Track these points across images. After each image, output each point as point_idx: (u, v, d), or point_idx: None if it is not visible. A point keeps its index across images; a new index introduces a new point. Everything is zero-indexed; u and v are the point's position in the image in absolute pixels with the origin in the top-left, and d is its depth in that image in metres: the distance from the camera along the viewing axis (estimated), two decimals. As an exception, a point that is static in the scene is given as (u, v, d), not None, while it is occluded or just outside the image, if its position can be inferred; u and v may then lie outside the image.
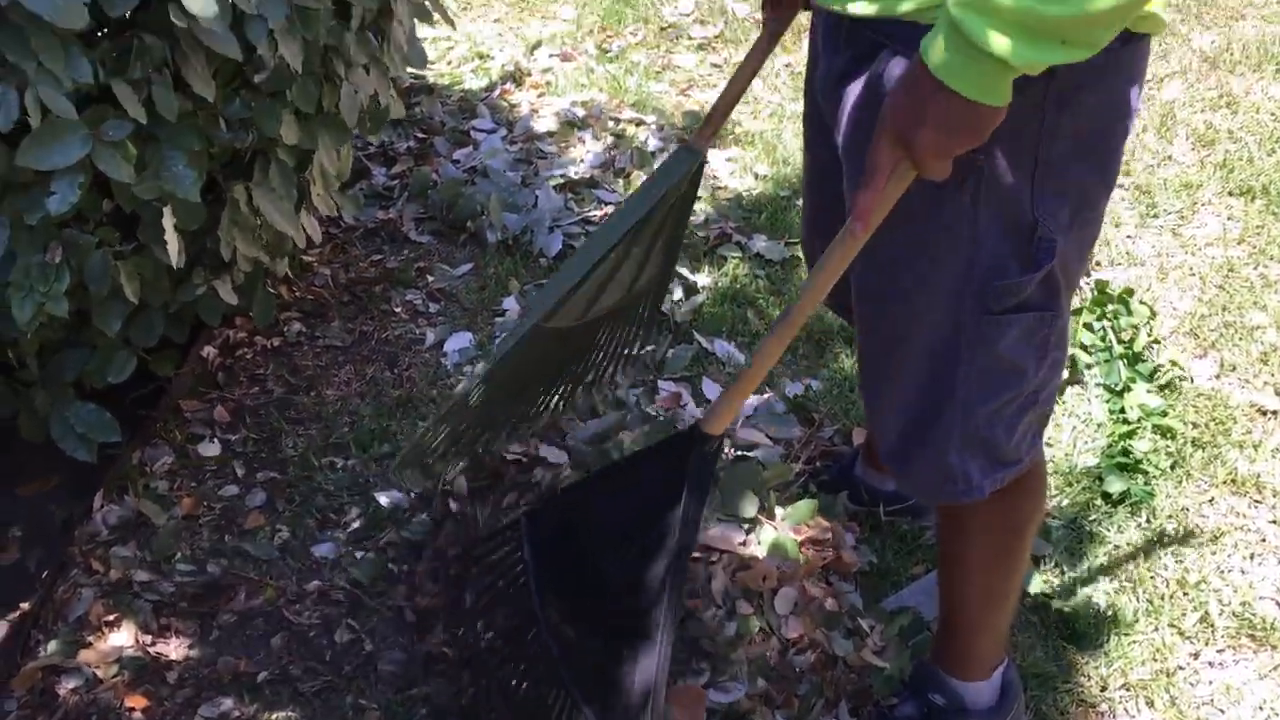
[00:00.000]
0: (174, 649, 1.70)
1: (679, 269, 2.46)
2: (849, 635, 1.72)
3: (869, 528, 1.90)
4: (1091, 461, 2.03)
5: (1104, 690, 1.68)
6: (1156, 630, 1.75)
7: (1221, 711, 1.65)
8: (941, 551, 1.49)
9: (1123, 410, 2.10)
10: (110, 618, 1.73)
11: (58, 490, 1.92)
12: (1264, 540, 1.90)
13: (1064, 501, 1.96)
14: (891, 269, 1.21)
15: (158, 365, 1.96)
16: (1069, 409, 2.14)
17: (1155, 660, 1.71)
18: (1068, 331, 1.26)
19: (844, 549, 1.82)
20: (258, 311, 2.06)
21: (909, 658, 1.68)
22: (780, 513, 1.87)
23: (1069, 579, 1.83)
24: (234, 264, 1.87)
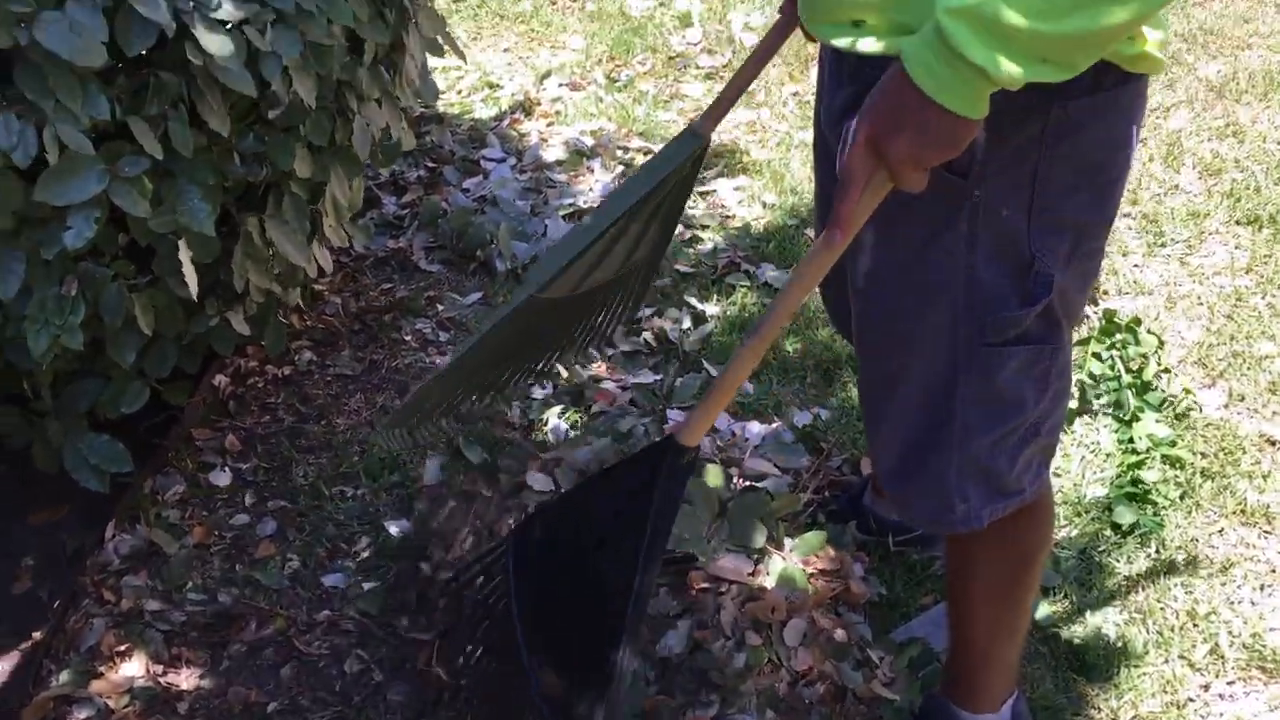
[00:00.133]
0: (185, 679, 1.71)
1: (688, 298, 2.48)
2: (858, 667, 1.71)
3: (878, 558, 1.90)
4: (1100, 492, 2.03)
5: (1114, 723, 1.68)
6: (1167, 662, 1.75)
7: (1232, 744, 1.65)
8: (950, 582, 1.49)
9: (1131, 440, 2.11)
10: (122, 648, 1.73)
11: (70, 519, 1.93)
12: (1274, 571, 1.89)
13: (1073, 532, 1.96)
14: (889, 299, 1.22)
15: (170, 394, 1.97)
16: (1077, 439, 2.14)
17: (1165, 692, 1.71)
18: (1070, 363, 1.27)
19: (853, 580, 1.82)
20: (269, 341, 2.07)
21: (919, 689, 1.68)
22: (789, 543, 1.87)
23: (1079, 610, 1.83)
24: (247, 295, 1.89)
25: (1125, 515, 1.95)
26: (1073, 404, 2.16)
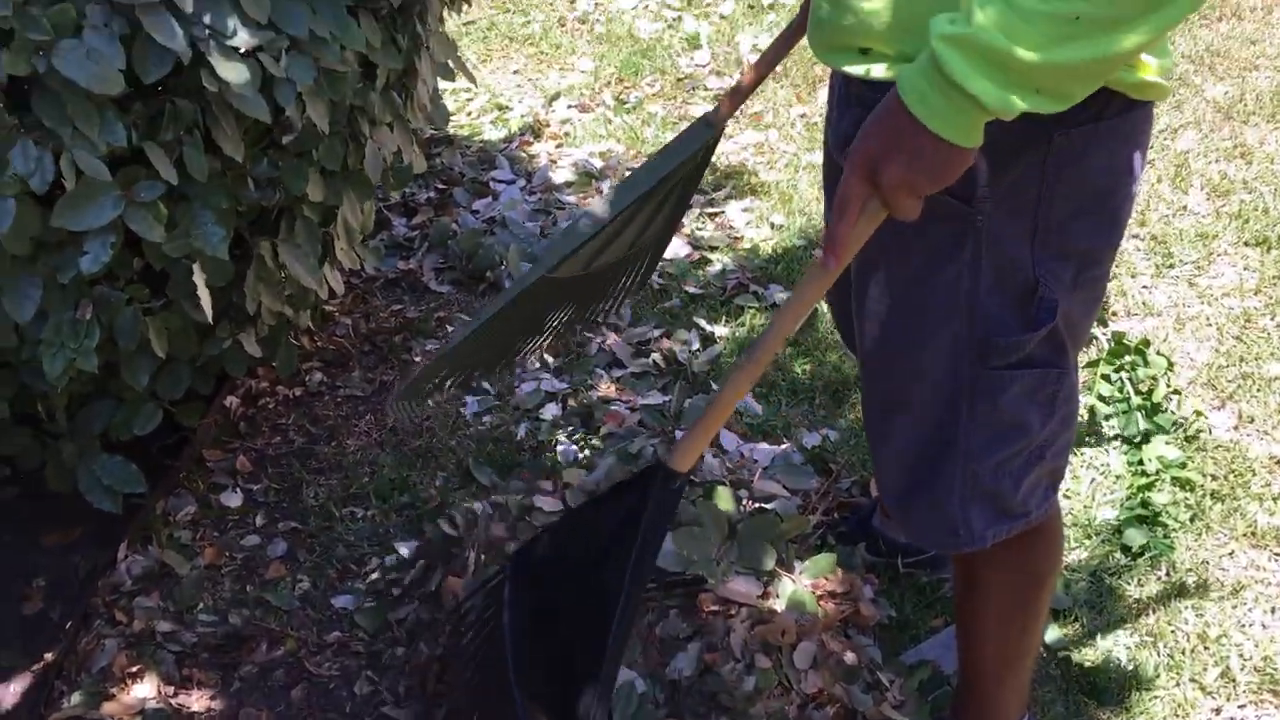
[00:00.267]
0: (196, 700, 1.71)
1: (696, 319, 2.49)
2: (868, 689, 1.71)
3: (887, 580, 1.90)
4: (1110, 514, 2.03)
5: (1125, 747, 1.67)
6: (1178, 685, 1.74)
7: (1244, 769, 1.65)
8: (959, 605, 1.50)
9: (1141, 462, 2.10)
10: (133, 669, 1.74)
11: (82, 540, 1.94)
12: (1285, 594, 1.89)
13: (1083, 554, 1.96)
14: (893, 323, 1.23)
15: (183, 416, 1.98)
16: (1087, 461, 2.14)
17: (1177, 716, 1.70)
18: (1077, 387, 1.27)
19: (863, 602, 1.82)
20: (281, 363, 2.08)
21: (929, 712, 1.67)
22: (799, 565, 1.88)
23: (1089, 633, 1.83)
24: (259, 317, 1.90)
25: (1135, 538, 1.95)
26: (1082, 426, 2.16)
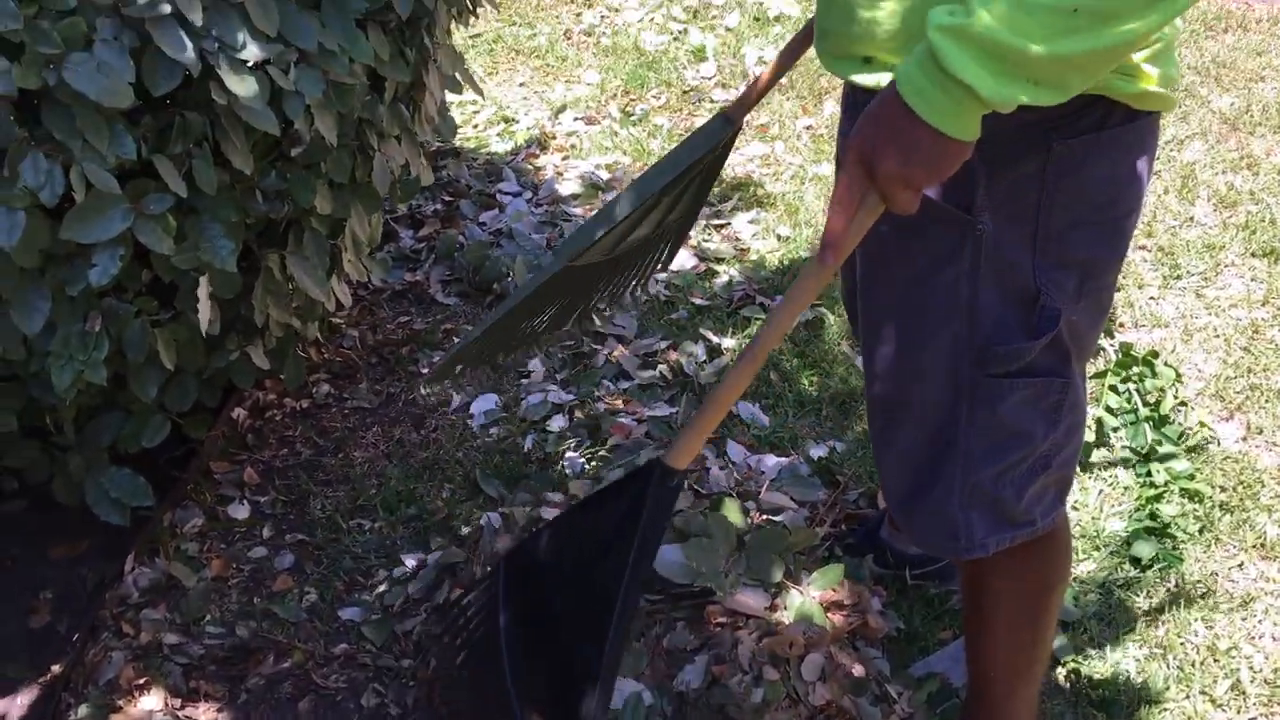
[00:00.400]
0: (203, 713, 1.71)
1: (703, 331, 2.49)
2: (876, 702, 1.71)
3: (895, 592, 1.89)
4: (1119, 525, 2.02)
5: (1135, 760, 1.66)
6: (1188, 698, 1.74)
7: (1255, 782, 1.64)
8: (966, 615, 1.49)
9: (1149, 474, 2.10)
10: (140, 681, 1.74)
11: (89, 553, 1.94)
12: (1295, 606, 1.89)
13: (1092, 566, 1.95)
14: (894, 329, 1.23)
15: (190, 428, 1.98)
16: (1095, 473, 2.14)
17: (1187, 729, 1.70)
18: (1084, 396, 1.27)
19: (871, 614, 1.82)
20: (288, 374, 2.08)
21: (937, 726, 1.67)
22: (806, 577, 1.87)
23: (1098, 645, 1.82)
24: (266, 329, 1.91)
25: (1144, 549, 1.94)
26: (1090, 438, 2.15)
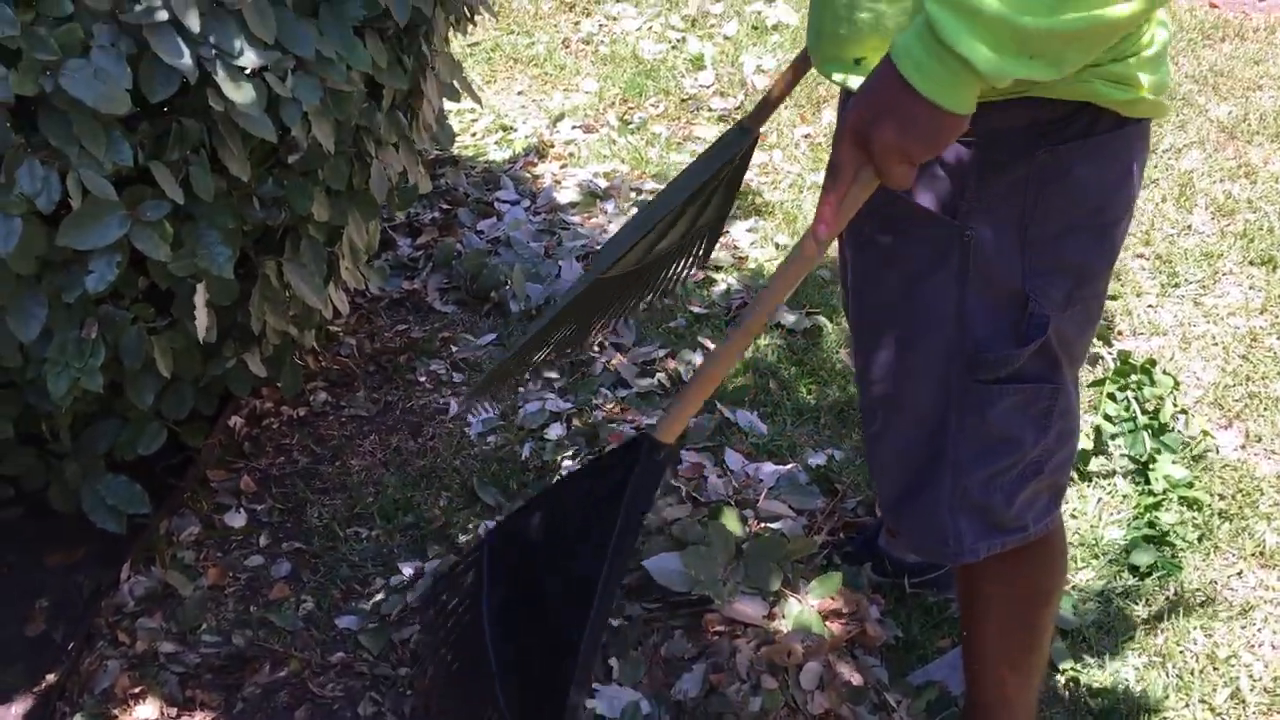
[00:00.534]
0: (198, 722, 1.70)
1: (701, 339, 2.49)
2: (875, 710, 1.70)
3: (894, 600, 1.89)
4: (1118, 534, 2.02)
5: (1135, 769, 1.66)
6: (1187, 706, 1.73)
7: (1255, 791, 1.63)
8: (963, 623, 1.49)
9: (1148, 482, 2.10)
10: (136, 690, 1.73)
11: (85, 560, 1.93)
12: (1294, 614, 1.88)
13: (1090, 574, 1.95)
14: (883, 334, 1.23)
15: (187, 436, 1.98)
16: (1094, 481, 2.13)
17: (1186, 738, 1.69)
18: (1075, 402, 1.27)
19: (869, 622, 1.81)
20: (285, 382, 2.08)
21: (936, 734, 1.66)
22: (805, 586, 1.87)
23: (1097, 653, 1.81)
24: (263, 337, 1.90)
25: (1143, 557, 1.94)
26: (1089, 445, 2.15)
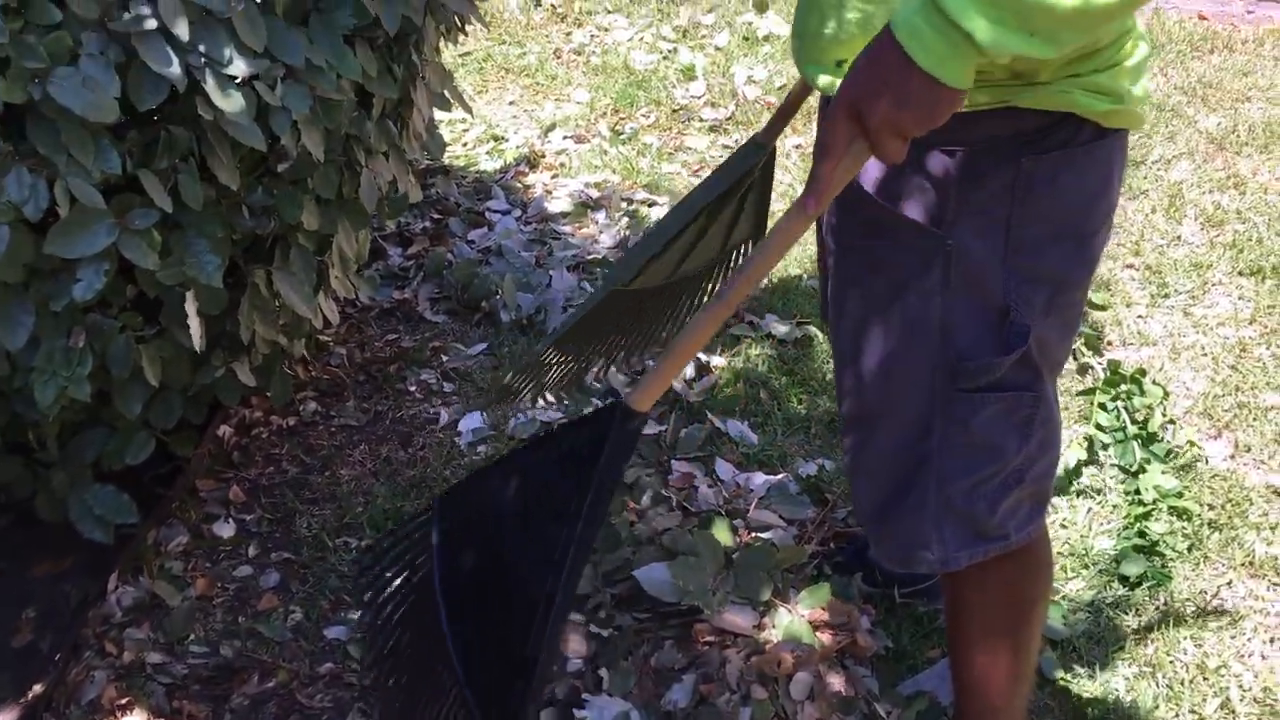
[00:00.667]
0: (185, 733, 1.69)
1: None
2: (865, 721, 1.70)
3: (884, 610, 1.88)
4: (1108, 544, 2.02)
5: (1125, 779, 1.66)
6: (1177, 717, 1.73)
7: (1246, 802, 1.63)
8: (949, 632, 1.49)
9: (1138, 491, 2.10)
10: (123, 701, 1.72)
11: (72, 570, 1.92)
12: (1284, 624, 1.88)
13: (1080, 584, 1.95)
14: (865, 343, 1.23)
15: (176, 445, 1.97)
16: (1084, 490, 2.13)
17: (1177, 748, 1.69)
18: (1056, 412, 1.27)
19: (859, 632, 1.81)
20: (275, 392, 2.07)
21: (926, 745, 1.66)
22: (795, 596, 1.86)
23: (1087, 663, 1.81)
24: (253, 346, 1.90)
25: (1133, 567, 1.94)
26: (1080, 455, 2.15)
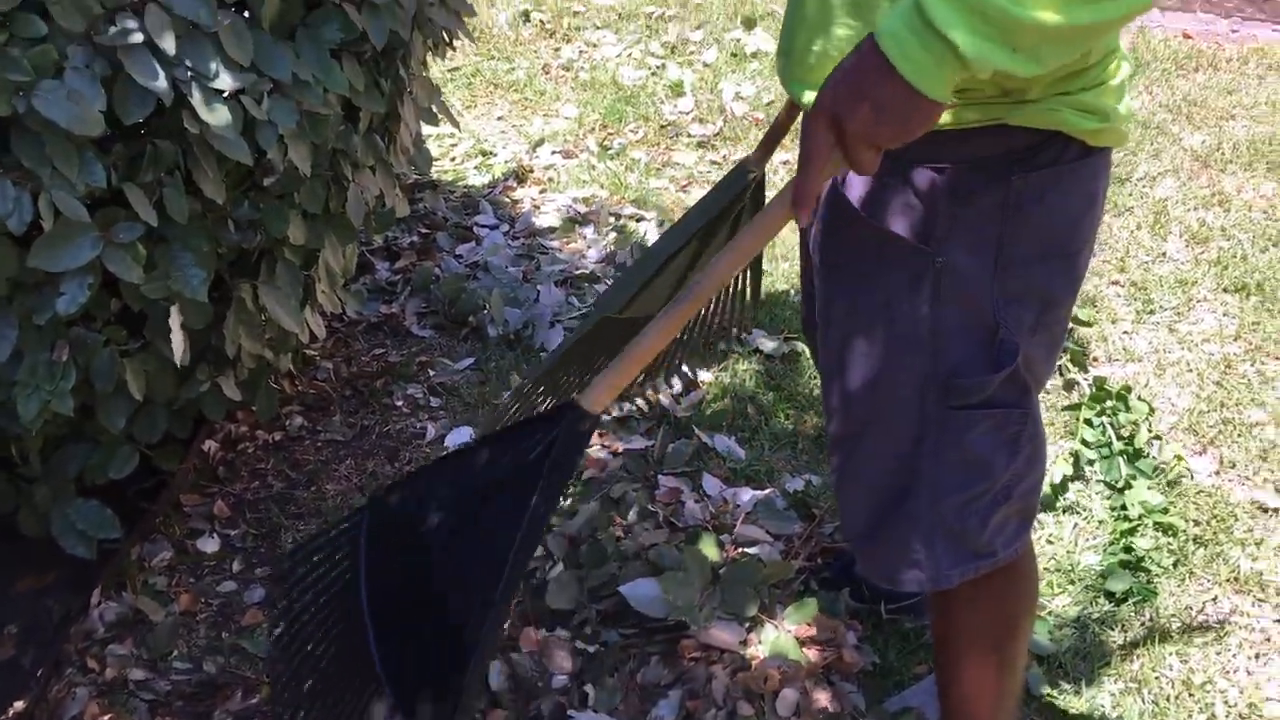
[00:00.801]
0: (167, 750, 1.68)
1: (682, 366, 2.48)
2: (852, 738, 1.69)
3: (871, 626, 1.88)
4: (1093, 559, 2.02)
5: (1111, 795, 1.65)
6: (1163, 733, 1.73)
7: (1231, 818, 1.63)
8: (936, 648, 1.49)
9: (1124, 507, 2.10)
10: (105, 717, 1.71)
11: (55, 586, 1.91)
12: (1268, 639, 1.88)
13: (1066, 600, 1.95)
14: (855, 362, 1.23)
15: (160, 459, 1.96)
16: (1069, 506, 2.14)
17: (1163, 764, 1.69)
18: (1042, 428, 1.27)
19: (846, 648, 1.81)
20: (260, 406, 2.07)
21: (913, 761, 1.66)
22: (781, 611, 1.86)
23: (1073, 679, 1.81)
24: (238, 360, 1.89)
25: (1118, 583, 1.94)
26: (1066, 471, 2.16)
